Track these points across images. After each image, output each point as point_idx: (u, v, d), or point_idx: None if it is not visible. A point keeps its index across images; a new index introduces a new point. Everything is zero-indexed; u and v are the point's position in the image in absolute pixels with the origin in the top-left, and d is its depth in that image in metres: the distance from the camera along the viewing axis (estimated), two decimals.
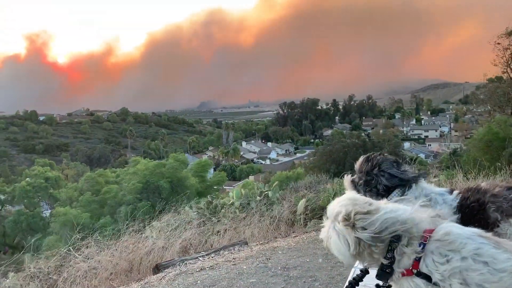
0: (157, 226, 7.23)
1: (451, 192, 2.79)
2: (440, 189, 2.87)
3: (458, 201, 2.69)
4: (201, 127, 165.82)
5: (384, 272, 1.92)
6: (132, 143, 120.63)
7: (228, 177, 44.69)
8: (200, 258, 5.20)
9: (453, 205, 2.68)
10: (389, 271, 1.90)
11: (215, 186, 31.84)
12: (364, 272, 2.26)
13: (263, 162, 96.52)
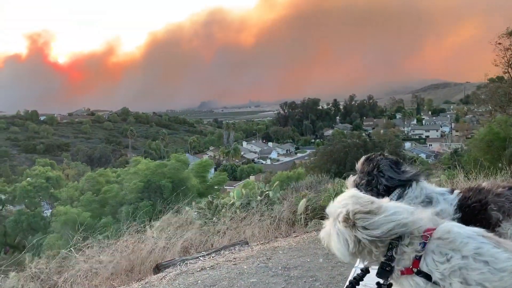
0: (158, 226, 7.23)
1: (452, 192, 2.79)
2: (441, 188, 2.87)
3: (459, 200, 2.69)
4: (201, 127, 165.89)
5: (384, 270, 1.93)
6: (133, 143, 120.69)
7: (228, 177, 44.70)
8: (200, 258, 5.20)
9: (454, 204, 2.68)
10: (389, 269, 1.91)
11: (216, 186, 31.86)
12: (364, 271, 2.27)
13: (263, 162, 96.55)
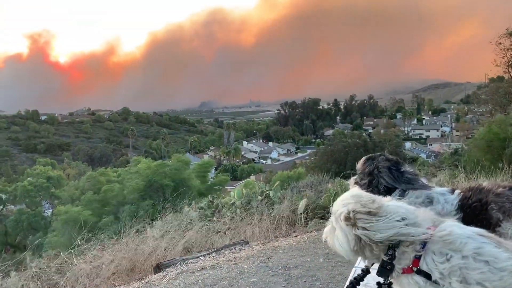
0: (159, 226, 7.24)
1: (453, 191, 2.80)
2: (441, 188, 2.88)
3: (460, 200, 2.70)
4: (202, 127, 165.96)
5: (384, 268, 1.93)
6: (134, 143, 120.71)
7: (229, 177, 44.73)
8: (201, 258, 5.21)
9: (455, 204, 2.68)
10: (389, 268, 1.92)
11: (217, 186, 31.84)
12: (365, 271, 2.27)
13: (264, 161, 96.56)
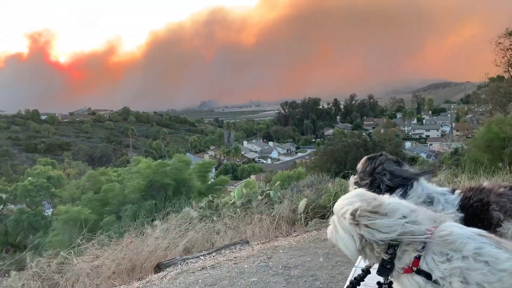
0: (160, 226, 7.25)
1: (453, 191, 2.80)
2: (441, 188, 2.88)
3: (460, 200, 2.70)
4: (202, 127, 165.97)
5: (384, 268, 1.94)
6: (134, 142, 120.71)
7: (229, 177, 44.73)
8: (201, 257, 5.21)
9: (455, 204, 2.69)
10: (390, 267, 1.93)
11: (217, 186, 31.84)
12: (365, 272, 2.28)
13: (264, 161, 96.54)
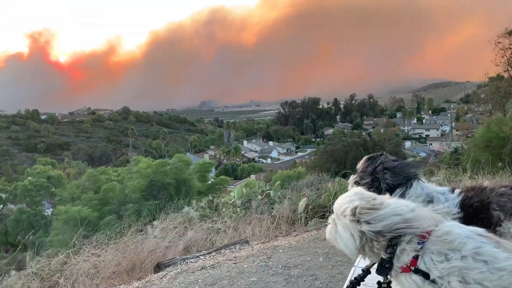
0: (160, 225, 7.25)
1: (453, 191, 2.80)
2: (441, 188, 2.89)
3: (460, 200, 2.70)
4: (202, 126, 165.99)
5: (383, 267, 1.95)
6: (134, 142, 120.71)
7: (229, 176, 44.75)
8: (201, 257, 5.21)
9: (455, 204, 2.69)
10: (388, 266, 1.94)
11: (217, 186, 31.88)
12: (365, 271, 2.28)
13: (264, 161, 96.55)
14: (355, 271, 3.24)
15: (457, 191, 2.79)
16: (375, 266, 2.03)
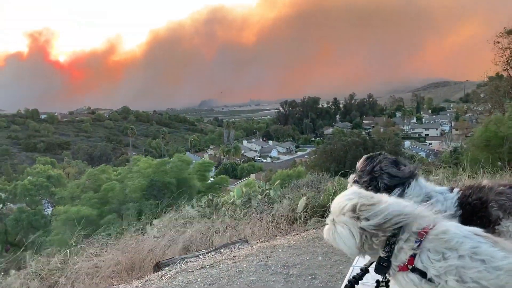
0: (159, 225, 7.26)
1: (452, 190, 2.81)
2: (440, 187, 2.89)
3: (459, 199, 2.71)
4: (202, 126, 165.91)
5: (381, 265, 1.96)
6: (133, 142, 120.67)
7: (229, 176, 44.74)
8: (200, 256, 5.22)
9: (454, 203, 2.69)
10: (386, 265, 1.94)
11: (217, 185, 31.88)
12: (364, 271, 2.29)
13: (264, 160, 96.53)
14: (353, 270, 3.24)
15: (455, 190, 2.79)
16: (374, 265, 2.04)
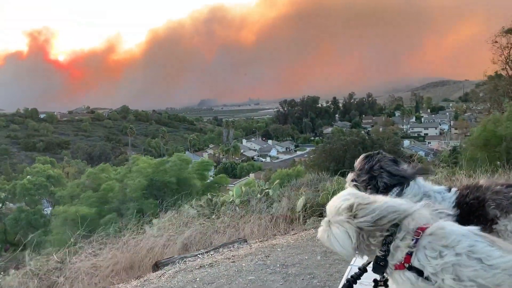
0: (158, 224, 7.26)
1: (449, 189, 2.81)
2: (438, 187, 2.89)
3: (457, 198, 2.71)
4: (201, 125, 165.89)
5: (378, 265, 1.97)
6: (133, 141, 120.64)
7: (228, 175, 44.77)
8: (199, 256, 5.23)
9: (452, 202, 2.70)
10: (383, 264, 1.95)
11: (216, 184, 31.89)
12: (362, 270, 2.29)
13: (263, 159, 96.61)
14: (351, 270, 3.25)
15: (453, 189, 2.80)
16: (372, 264, 2.05)
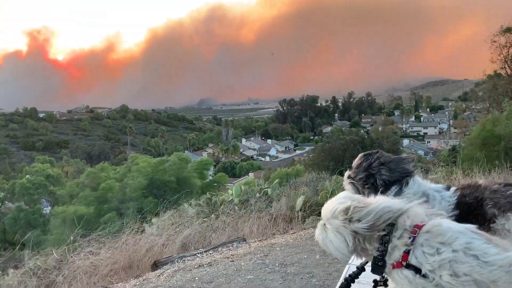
0: (158, 223, 7.26)
1: (448, 188, 2.81)
2: (437, 185, 2.89)
3: (456, 197, 2.71)
4: (200, 124, 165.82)
5: (376, 265, 1.97)
6: (132, 140, 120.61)
7: (227, 174, 44.80)
8: (198, 255, 5.23)
9: (451, 201, 2.70)
10: (381, 264, 1.95)
11: (216, 184, 31.91)
12: (360, 269, 2.29)
13: (262, 159, 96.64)
14: (349, 269, 3.25)
15: (452, 188, 2.80)
16: (370, 264, 2.05)
